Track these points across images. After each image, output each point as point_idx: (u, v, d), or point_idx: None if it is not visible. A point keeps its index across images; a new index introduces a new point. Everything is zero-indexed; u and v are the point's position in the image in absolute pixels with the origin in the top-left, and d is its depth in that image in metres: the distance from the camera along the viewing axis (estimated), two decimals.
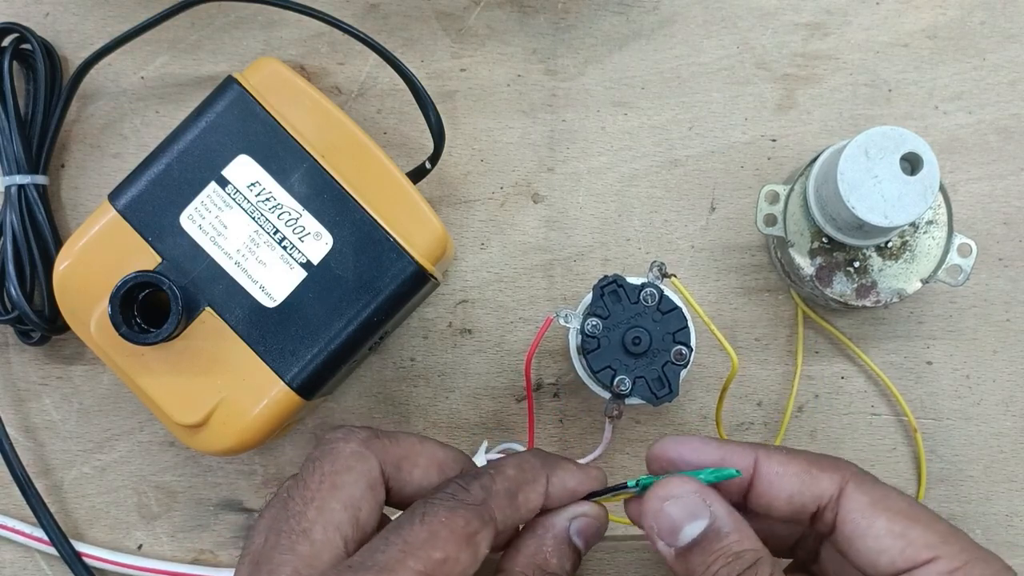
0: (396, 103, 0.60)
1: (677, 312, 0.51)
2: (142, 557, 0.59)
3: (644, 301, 0.51)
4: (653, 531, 0.45)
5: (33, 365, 0.60)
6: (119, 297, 0.48)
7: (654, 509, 0.45)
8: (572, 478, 0.48)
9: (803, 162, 0.55)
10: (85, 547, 0.58)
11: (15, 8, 0.60)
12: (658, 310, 0.51)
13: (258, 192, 0.50)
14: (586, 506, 0.49)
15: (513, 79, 0.60)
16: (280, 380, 0.50)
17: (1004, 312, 0.59)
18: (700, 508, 0.44)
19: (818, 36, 0.60)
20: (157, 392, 0.50)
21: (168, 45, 0.60)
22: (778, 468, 0.45)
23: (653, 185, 0.60)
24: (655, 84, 0.60)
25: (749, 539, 0.44)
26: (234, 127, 0.51)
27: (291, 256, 0.50)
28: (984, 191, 0.59)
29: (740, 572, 0.42)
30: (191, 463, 0.59)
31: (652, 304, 0.51)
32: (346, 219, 0.51)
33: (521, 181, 0.60)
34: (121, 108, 0.60)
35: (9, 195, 0.56)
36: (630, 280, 0.52)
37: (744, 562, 0.43)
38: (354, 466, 0.43)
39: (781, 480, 0.45)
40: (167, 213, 0.50)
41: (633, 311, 0.51)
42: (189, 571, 0.58)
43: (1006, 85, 0.60)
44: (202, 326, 0.50)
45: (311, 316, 0.50)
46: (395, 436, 0.45)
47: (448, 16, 0.60)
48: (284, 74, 0.52)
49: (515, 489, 0.45)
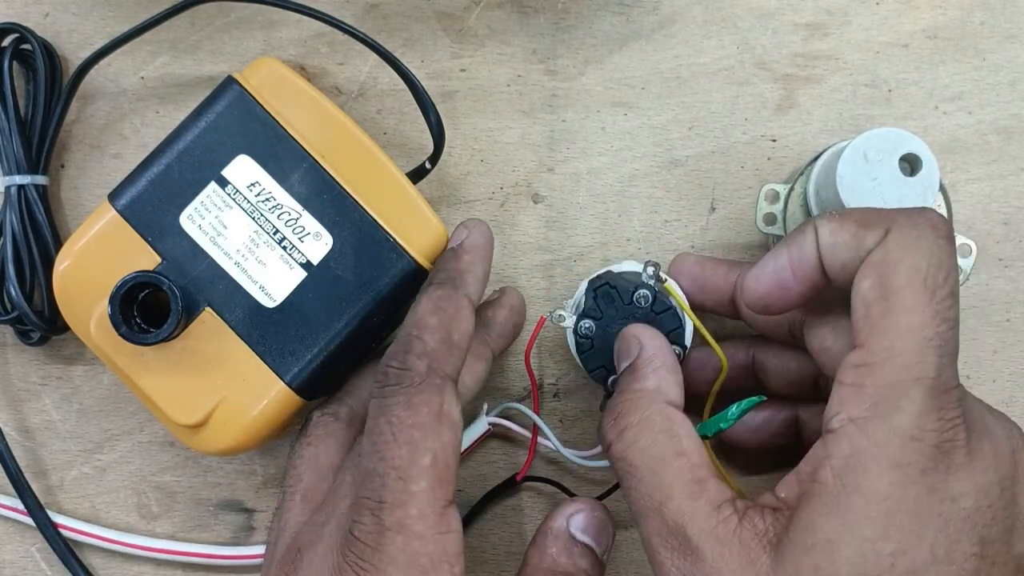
0: (396, 103, 0.60)
1: (671, 312, 0.51)
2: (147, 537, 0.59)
3: (637, 303, 0.51)
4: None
5: (33, 365, 0.60)
6: (119, 297, 0.48)
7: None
8: (479, 268, 0.50)
9: (803, 162, 0.55)
10: (95, 528, 0.59)
11: (15, 8, 0.60)
12: (652, 311, 0.51)
13: (258, 192, 0.50)
14: (580, 503, 0.50)
15: (513, 79, 0.60)
16: (280, 380, 0.50)
17: (1004, 312, 0.59)
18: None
19: (818, 36, 0.60)
20: (157, 392, 0.50)
21: (168, 45, 0.60)
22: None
23: (653, 185, 0.60)
24: (655, 84, 0.60)
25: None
26: (234, 127, 0.51)
27: (291, 256, 0.50)
28: (984, 191, 0.59)
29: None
30: (191, 463, 0.59)
31: (645, 306, 0.51)
32: (346, 219, 0.50)
33: (521, 181, 0.60)
34: (121, 108, 0.60)
35: (9, 195, 0.56)
36: (625, 266, 0.52)
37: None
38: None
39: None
40: (167, 213, 0.50)
41: (627, 312, 0.51)
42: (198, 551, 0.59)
43: (1006, 85, 0.60)
44: (202, 326, 0.50)
45: (311, 316, 0.50)
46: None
47: (448, 16, 0.60)
48: (284, 74, 0.52)
49: (447, 334, 0.46)
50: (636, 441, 0.45)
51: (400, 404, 0.43)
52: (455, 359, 0.45)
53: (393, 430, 0.43)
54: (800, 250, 0.45)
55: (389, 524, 0.42)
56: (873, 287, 0.42)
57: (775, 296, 0.46)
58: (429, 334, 0.45)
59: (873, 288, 0.42)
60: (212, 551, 0.58)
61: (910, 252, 0.41)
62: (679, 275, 0.54)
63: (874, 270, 0.42)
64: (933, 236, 0.42)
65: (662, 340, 0.50)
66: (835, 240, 0.44)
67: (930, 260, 0.41)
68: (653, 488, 0.44)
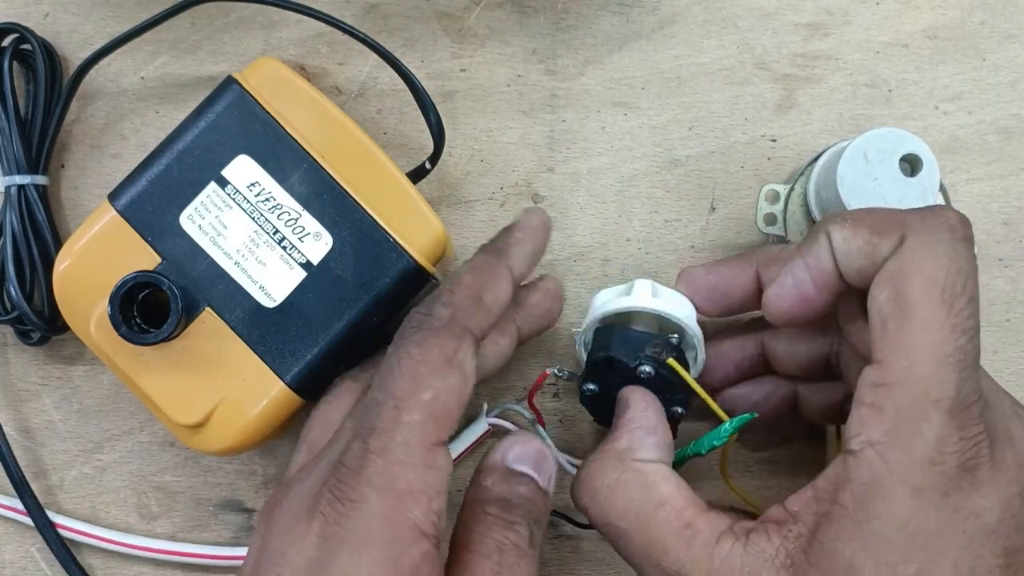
0: (396, 103, 0.60)
1: (675, 377, 0.50)
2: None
3: (639, 376, 0.50)
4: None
5: (33, 365, 0.59)
6: (119, 297, 0.48)
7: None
8: (525, 244, 0.49)
9: (803, 162, 0.55)
10: (95, 529, 0.58)
11: (15, 8, 0.60)
12: (657, 375, 0.50)
13: (258, 192, 0.50)
14: (515, 436, 0.49)
15: (513, 79, 0.60)
16: (280, 380, 0.50)
17: (1004, 312, 0.59)
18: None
19: (818, 36, 0.60)
20: (157, 392, 0.50)
21: (168, 45, 0.60)
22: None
23: (653, 185, 0.60)
24: (655, 84, 0.60)
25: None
26: (234, 127, 0.51)
27: (291, 256, 0.50)
28: (984, 191, 0.59)
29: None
30: (191, 463, 0.59)
31: (646, 378, 0.50)
32: (346, 219, 0.50)
33: (521, 181, 0.60)
34: (121, 108, 0.60)
35: (9, 195, 0.56)
36: (636, 295, 0.51)
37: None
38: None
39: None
40: (167, 213, 0.50)
41: (630, 377, 0.50)
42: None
43: (1006, 85, 0.60)
44: (202, 326, 0.50)
45: (311, 316, 0.50)
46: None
47: (448, 16, 0.60)
48: (283, 74, 0.52)
49: (478, 293, 0.45)
50: (613, 504, 0.45)
51: (414, 342, 0.43)
52: (481, 318, 0.45)
53: (401, 364, 0.43)
54: (817, 260, 0.44)
55: (373, 448, 0.41)
56: (889, 300, 0.41)
57: (800, 309, 0.46)
58: (460, 289, 0.45)
59: (889, 301, 0.41)
60: (212, 551, 0.58)
61: (926, 261, 0.40)
62: (693, 293, 0.51)
63: (890, 282, 0.41)
64: (950, 240, 0.41)
65: (649, 402, 0.49)
66: (849, 248, 0.43)
67: (948, 268, 0.40)
68: (646, 546, 0.43)
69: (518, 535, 0.45)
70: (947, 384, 0.39)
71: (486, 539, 0.44)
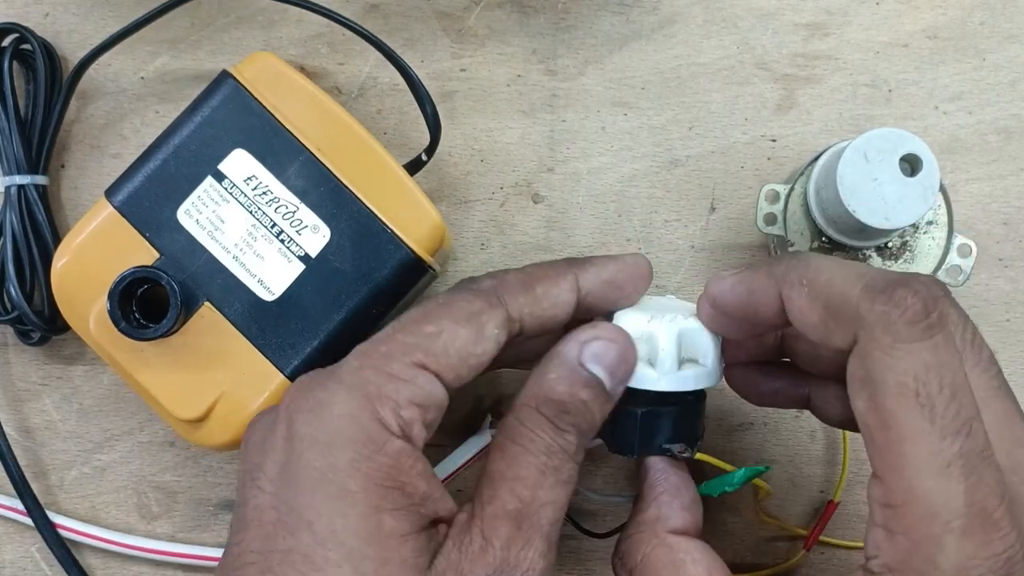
0: (396, 103, 0.60)
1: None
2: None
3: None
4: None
5: (33, 365, 0.60)
6: (118, 293, 0.48)
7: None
8: (605, 269, 0.46)
9: (803, 162, 0.55)
10: (95, 529, 0.58)
11: (15, 8, 0.60)
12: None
13: (255, 186, 0.50)
14: (600, 329, 0.44)
15: (513, 79, 0.60)
16: (280, 373, 0.50)
17: (1004, 312, 0.59)
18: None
19: (818, 36, 0.60)
20: (157, 388, 0.50)
21: (168, 45, 0.60)
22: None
23: (653, 185, 0.60)
24: (655, 84, 0.60)
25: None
26: (229, 121, 0.51)
27: (289, 249, 0.50)
28: (984, 191, 0.59)
29: None
30: (191, 463, 0.59)
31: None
32: (343, 211, 0.50)
33: (521, 181, 0.60)
34: (121, 108, 0.60)
35: (9, 195, 0.56)
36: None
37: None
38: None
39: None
40: (164, 208, 0.50)
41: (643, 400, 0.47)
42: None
43: (1006, 85, 0.60)
44: (201, 321, 0.50)
45: (310, 309, 0.50)
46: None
47: (448, 16, 0.60)
48: (279, 68, 0.52)
49: (531, 280, 0.44)
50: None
51: (442, 296, 0.43)
52: (524, 302, 0.43)
53: (424, 309, 0.42)
54: (768, 303, 0.42)
55: (354, 353, 0.42)
56: (868, 411, 0.37)
57: (741, 314, 0.44)
58: (515, 272, 0.45)
59: (868, 412, 0.37)
60: (211, 552, 0.58)
61: (887, 364, 0.36)
62: (723, 308, 0.44)
63: (863, 389, 0.37)
64: (910, 333, 0.36)
65: (668, 461, 0.47)
66: (805, 320, 0.40)
67: (915, 369, 0.36)
68: None
69: (566, 442, 0.43)
70: (955, 498, 0.35)
71: (535, 437, 0.43)
